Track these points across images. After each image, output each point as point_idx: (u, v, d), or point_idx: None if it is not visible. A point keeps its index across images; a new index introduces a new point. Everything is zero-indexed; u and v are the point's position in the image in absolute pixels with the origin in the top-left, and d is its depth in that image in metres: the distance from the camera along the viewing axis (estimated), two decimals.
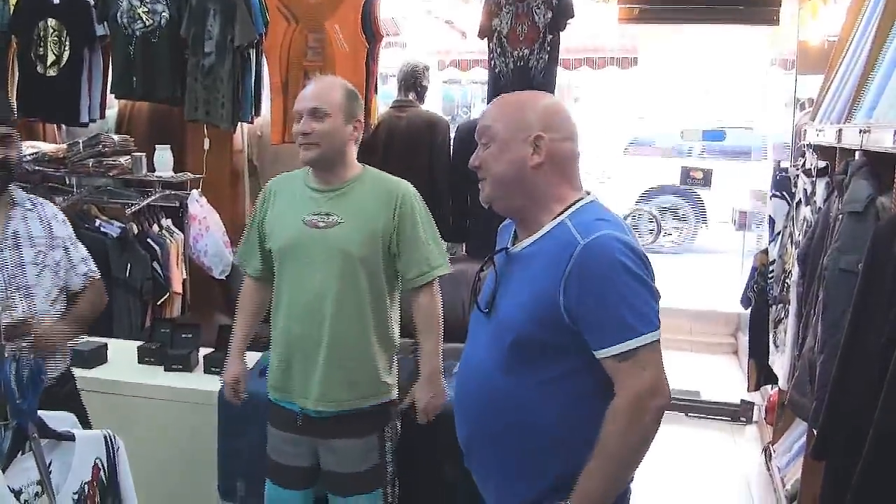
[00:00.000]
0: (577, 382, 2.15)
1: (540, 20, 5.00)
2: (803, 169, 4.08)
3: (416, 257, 3.08)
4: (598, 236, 2.08)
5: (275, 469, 3.19)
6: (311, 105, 2.98)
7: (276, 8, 5.07)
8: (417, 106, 5.67)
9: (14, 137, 2.77)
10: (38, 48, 5.46)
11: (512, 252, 2.32)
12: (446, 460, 3.49)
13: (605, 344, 2.05)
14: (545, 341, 2.14)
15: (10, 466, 1.82)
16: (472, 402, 2.34)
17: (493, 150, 2.27)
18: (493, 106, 2.41)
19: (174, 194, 5.26)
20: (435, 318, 3.14)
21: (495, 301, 2.30)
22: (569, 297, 2.07)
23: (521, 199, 2.26)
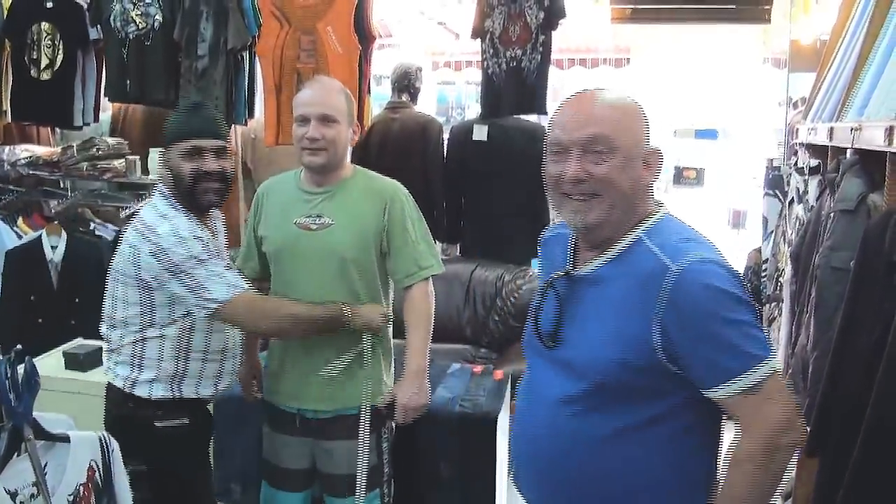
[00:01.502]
0: (666, 427, 1.94)
1: (532, 21, 5.01)
2: (796, 167, 4.09)
3: (406, 257, 3.07)
4: (694, 263, 1.85)
5: (270, 471, 3.20)
6: (322, 111, 2.98)
7: (268, 10, 5.07)
8: (411, 107, 5.69)
9: (222, 153, 2.89)
10: (31, 52, 5.48)
11: (576, 275, 2.05)
12: (442, 460, 3.51)
13: (724, 379, 1.82)
14: (632, 385, 1.91)
15: (5, 468, 1.83)
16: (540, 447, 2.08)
17: (616, 162, 1.92)
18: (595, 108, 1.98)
19: None
20: (424, 315, 3.11)
21: (560, 332, 2.04)
22: (667, 335, 1.85)
23: (617, 221, 1.97)
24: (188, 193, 2.83)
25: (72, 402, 3.06)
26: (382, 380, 3.14)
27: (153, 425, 2.80)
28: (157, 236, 2.74)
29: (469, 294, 5.40)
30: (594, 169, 1.91)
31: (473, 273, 5.45)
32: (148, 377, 2.83)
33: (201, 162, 2.82)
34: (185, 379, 2.86)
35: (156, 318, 2.81)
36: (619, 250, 1.97)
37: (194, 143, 2.82)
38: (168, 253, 2.70)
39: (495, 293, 5.34)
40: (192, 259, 2.71)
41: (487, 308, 5.35)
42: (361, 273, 3.04)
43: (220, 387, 2.96)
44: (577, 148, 1.93)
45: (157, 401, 2.83)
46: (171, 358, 2.83)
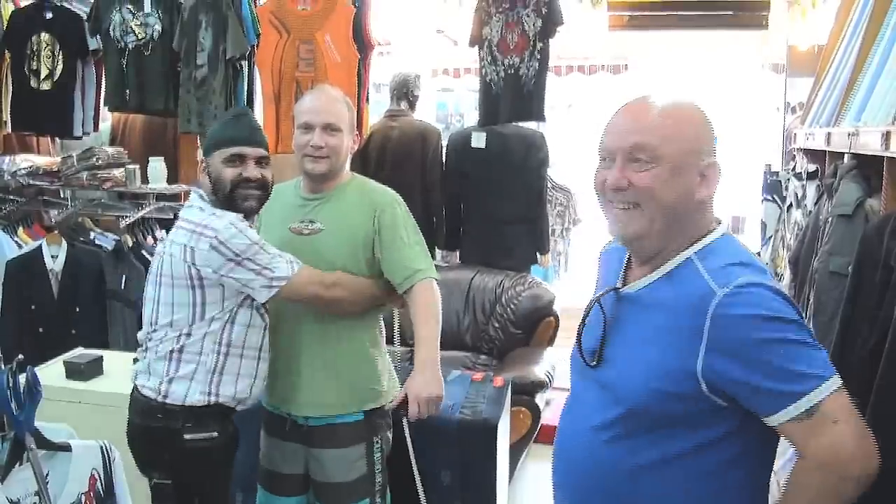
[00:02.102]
0: (708, 458, 1.81)
1: (529, 28, 5.03)
2: (794, 172, 4.10)
3: (399, 262, 3.03)
4: (741, 285, 1.72)
5: (266, 476, 3.20)
6: (326, 120, 2.99)
7: (267, 20, 5.10)
8: (409, 115, 5.71)
9: (263, 162, 2.93)
10: (31, 62, 5.49)
11: (624, 293, 1.96)
12: (442, 467, 3.51)
13: (779, 406, 1.68)
14: (671, 414, 1.80)
15: (7, 477, 1.84)
16: (575, 471, 2.00)
17: (663, 173, 1.81)
18: (645, 115, 1.87)
19: (168, 206, 5.26)
20: (432, 307, 3.00)
21: (604, 351, 1.94)
22: (712, 365, 1.72)
23: (667, 235, 1.86)
24: (228, 199, 2.87)
25: (73, 412, 3.07)
26: (374, 387, 3.12)
27: (182, 437, 2.79)
28: (214, 231, 2.76)
29: (469, 301, 5.41)
30: (636, 177, 1.82)
31: (473, 280, 5.46)
32: (187, 373, 2.84)
33: (243, 168, 2.86)
34: (224, 376, 2.87)
35: (205, 314, 2.83)
36: (667, 270, 1.87)
37: (237, 150, 2.87)
38: (229, 244, 2.74)
39: (495, 300, 5.35)
40: (255, 245, 2.76)
41: (487, 315, 5.36)
42: None
43: (254, 390, 2.97)
44: (620, 154, 1.85)
45: (189, 409, 2.82)
46: (211, 352, 2.85)
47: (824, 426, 1.65)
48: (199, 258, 2.75)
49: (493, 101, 5.26)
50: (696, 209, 1.85)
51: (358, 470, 3.08)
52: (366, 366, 3.10)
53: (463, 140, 5.63)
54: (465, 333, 5.39)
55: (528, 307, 5.30)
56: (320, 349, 3.03)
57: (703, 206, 1.86)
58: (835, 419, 1.65)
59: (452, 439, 3.51)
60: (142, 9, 5.21)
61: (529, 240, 5.64)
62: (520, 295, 5.31)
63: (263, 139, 2.98)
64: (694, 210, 1.85)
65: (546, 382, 4.80)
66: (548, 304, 5.34)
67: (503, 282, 5.40)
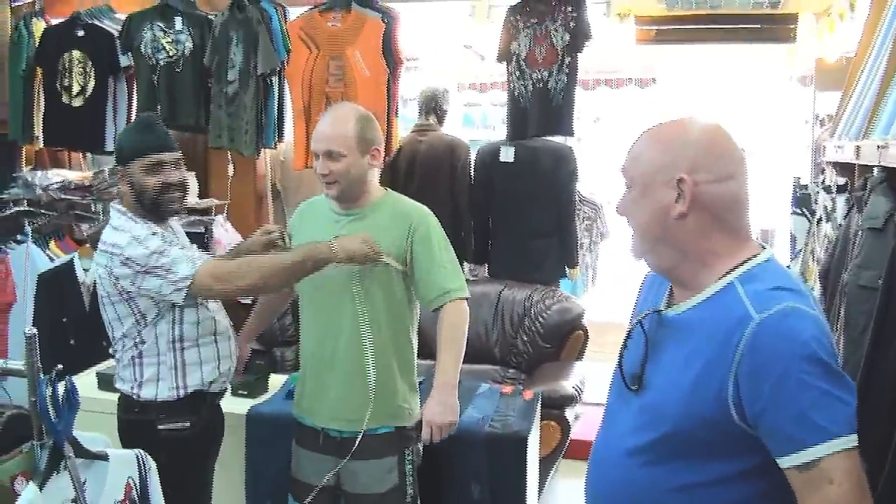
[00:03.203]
0: (738, 489, 1.77)
1: (558, 42, 5.04)
2: (823, 185, 4.08)
3: (431, 281, 3.08)
4: (779, 312, 1.68)
5: (297, 487, 3.22)
6: (325, 147, 3.02)
7: (297, 36, 5.14)
8: (438, 129, 5.73)
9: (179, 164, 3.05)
10: (63, 79, 5.57)
11: (666, 316, 1.92)
12: (473, 481, 3.52)
13: (786, 450, 1.65)
14: (704, 440, 1.77)
15: (46, 484, 1.86)
16: (607, 493, 1.97)
17: (634, 195, 1.86)
18: (639, 139, 1.91)
19: (199, 220, 5.31)
20: (456, 332, 3.08)
21: (644, 375, 1.91)
22: (741, 390, 1.69)
23: (670, 255, 1.86)
24: (154, 206, 2.98)
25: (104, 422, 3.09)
26: (403, 405, 3.15)
27: (156, 428, 2.91)
28: (119, 248, 2.89)
29: (497, 314, 5.41)
30: (620, 201, 1.91)
31: (502, 293, 5.47)
32: (151, 375, 2.97)
33: (164, 175, 2.96)
34: (187, 367, 2.99)
35: (147, 319, 2.95)
36: (709, 294, 1.82)
37: (156, 158, 2.96)
38: (134, 257, 2.85)
39: (524, 313, 5.35)
40: (154, 254, 2.85)
41: (516, 328, 5.36)
42: (385, 295, 3.07)
43: (222, 369, 3.08)
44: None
45: (161, 403, 2.96)
46: (168, 351, 2.97)
47: (819, 483, 1.63)
48: (118, 274, 2.88)
49: (521, 116, 5.26)
50: (684, 225, 1.81)
51: (390, 481, 3.10)
52: (395, 381, 3.12)
53: (491, 154, 5.64)
54: (494, 347, 5.39)
55: (557, 321, 5.30)
56: (354, 364, 3.05)
57: (688, 220, 1.81)
58: (831, 479, 1.62)
59: (482, 452, 3.51)
60: (173, 26, 5.27)
61: (558, 253, 5.63)
62: (549, 308, 5.31)
63: (174, 143, 3.08)
64: (679, 226, 1.81)
65: (575, 396, 4.79)
66: (577, 318, 5.33)
67: (532, 295, 5.40)
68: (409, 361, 3.19)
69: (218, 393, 3.15)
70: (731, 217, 1.82)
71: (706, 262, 1.83)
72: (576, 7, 5.02)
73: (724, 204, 1.80)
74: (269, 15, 5.15)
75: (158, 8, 5.31)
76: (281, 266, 2.93)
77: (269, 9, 5.18)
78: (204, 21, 5.30)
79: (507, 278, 5.62)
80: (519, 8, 5.18)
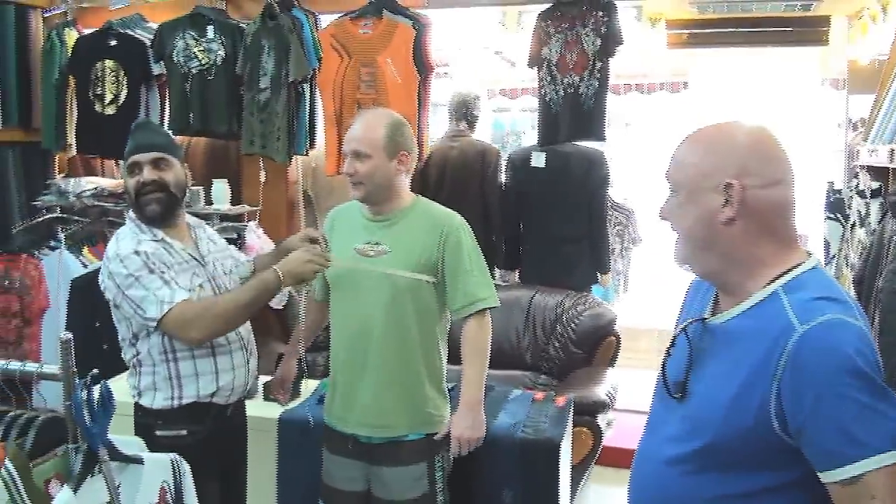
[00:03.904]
0: (778, 501, 1.74)
1: (589, 47, 5.02)
2: (857, 190, 4.05)
3: (461, 289, 3.08)
4: (823, 324, 1.64)
5: (327, 493, 3.23)
6: (353, 148, 3.04)
7: (329, 43, 5.17)
8: (469, 135, 5.73)
9: (159, 163, 3.01)
10: (95, 88, 5.63)
11: (710, 324, 1.89)
12: (505, 486, 3.51)
13: (829, 465, 1.62)
14: (745, 451, 1.73)
15: (80, 488, 1.88)
16: (648, 500, 1.97)
17: (679, 199, 1.84)
18: (683, 143, 1.88)
19: (232, 226, 5.34)
20: (480, 347, 3.12)
21: (688, 383, 1.88)
22: (784, 403, 1.65)
23: (716, 262, 1.83)
24: (137, 208, 3.00)
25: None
26: (432, 411, 3.15)
27: (154, 434, 2.91)
28: (107, 259, 2.93)
29: (529, 320, 5.40)
30: (664, 206, 1.89)
31: (533, 299, 5.45)
32: (148, 384, 2.98)
33: (140, 175, 2.96)
34: (182, 379, 2.97)
35: (137, 329, 2.95)
36: (753, 303, 1.78)
37: (133, 160, 2.98)
38: (114, 274, 2.88)
39: (555, 319, 5.34)
40: (130, 277, 2.85)
41: (548, 334, 5.35)
42: (415, 301, 3.07)
43: (221, 382, 3.03)
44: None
45: (158, 411, 2.97)
46: (161, 362, 2.96)
47: (862, 499, 1.59)
48: (105, 286, 2.93)
49: (552, 121, 5.25)
50: (731, 231, 1.78)
51: (420, 488, 3.10)
52: (424, 389, 3.13)
53: (522, 159, 5.63)
54: (526, 353, 5.38)
55: (589, 327, 5.27)
56: (385, 371, 3.06)
57: (735, 226, 1.77)
58: (873, 495, 1.59)
59: (514, 458, 3.50)
60: (205, 35, 5.31)
61: (589, 259, 5.62)
62: (581, 314, 5.29)
63: (160, 143, 3.06)
64: (727, 232, 1.78)
65: (608, 403, 4.77)
66: (609, 324, 5.31)
67: (563, 301, 5.38)
68: (438, 369, 3.19)
69: (226, 405, 3.10)
70: (779, 223, 1.80)
71: (752, 269, 1.79)
72: (607, 12, 5.01)
73: (773, 210, 1.78)
74: (300, 22, 5.18)
75: (190, 17, 5.35)
76: (242, 305, 2.95)
77: (300, 16, 5.21)
78: (235, 29, 5.34)
79: (538, 284, 5.60)
80: (550, 13, 5.17)
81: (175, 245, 3.01)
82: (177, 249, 3.01)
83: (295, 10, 5.24)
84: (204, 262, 3.09)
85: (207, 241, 3.21)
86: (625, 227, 7.27)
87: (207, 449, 2.93)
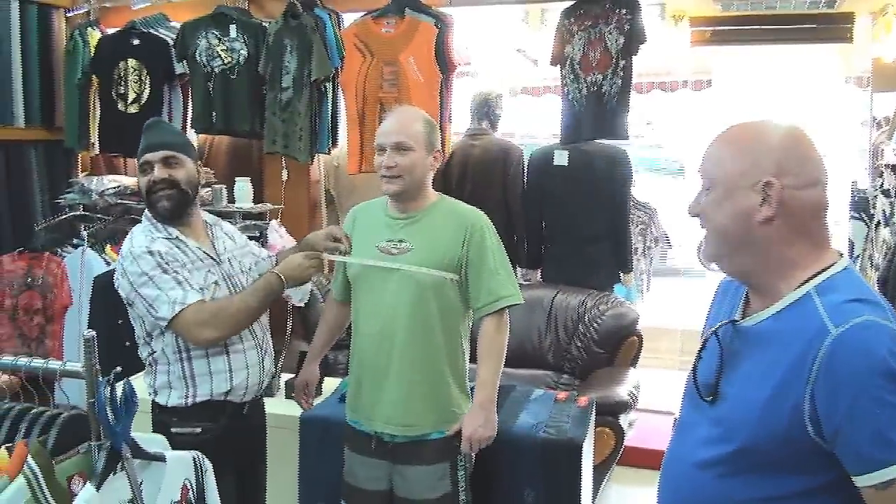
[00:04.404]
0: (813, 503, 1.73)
1: (612, 46, 5.00)
2: (881, 189, 4.02)
3: (484, 286, 3.07)
4: (856, 326, 1.62)
5: (349, 492, 3.23)
6: (395, 139, 3.02)
7: (351, 42, 5.18)
8: (491, 134, 5.72)
9: (169, 161, 3.01)
10: (118, 87, 5.68)
11: (741, 326, 1.88)
12: (527, 486, 3.51)
13: (863, 469, 1.61)
14: (778, 454, 1.72)
15: (103, 485, 1.88)
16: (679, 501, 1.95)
17: (715, 196, 1.81)
18: (716, 140, 1.87)
19: (254, 224, 5.36)
20: (497, 346, 3.10)
21: (719, 386, 1.86)
22: (818, 406, 1.63)
23: (749, 261, 1.82)
24: (149, 206, 3.02)
25: None
26: (454, 408, 3.14)
27: (170, 430, 2.92)
28: (122, 258, 2.96)
29: (551, 320, 5.39)
30: (700, 204, 1.86)
31: (555, 298, 5.44)
32: (163, 382, 3.01)
33: (151, 174, 2.97)
34: (196, 378, 2.99)
35: (150, 328, 2.98)
36: (785, 304, 1.77)
37: (145, 159, 2.99)
38: (128, 272, 2.90)
39: (578, 319, 5.32)
40: (144, 276, 2.87)
41: (570, 334, 5.33)
42: (439, 299, 3.05)
43: (235, 381, 3.04)
44: (700, 182, 1.87)
45: (173, 408, 2.99)
46: (175, 360, 2.98)
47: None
48: (119, 285, 2.95)
49: (575, 119, 5.23)
50: (767, 230, 1.76)
51: (443, 488, 3.10)
52: (449, 387, 3.12)
53: (545, 158, 5.61)
54: (548, 352, 5.37)
55: (612, 326, 5.25)
56: (410, 370, 3.05)
57: (773, 225, 1.76)
58: None
59: (536, 458, 3.50)
60: (227, 34, 5.33)
61: (612, 258, 5.59)
62: (603, 314, 5.27)
63: (170, 141, 3.06)
64: (763, 231, 1.77)
65: (630, 403, 4.75)
66: (631, 324, 5.29)
67: (586, 301, 5.36)
68: (462, 367, 3.18)
69: (242, 403, 3.11)
70: (814, 225, 1.78)
71: (785, 270, 1.78)
72: (630, 10, 4.99)
73: (809, 211, 1.76)
74: (323, 22, 5.20)
75: (213, 16, 5.38)
76: (251, 309, 3.00)
77: (323, 16, 5.23)
78: (258, 29, 5.36)
79: (560, 283, 5.58)
80: (572, 11, 5.16)
81: (189, 243, 3.03)
82: (191, 248, 3.02)
83: (317, 9, 5.26)
84: (219, 260, 3.10)
85: (224, 239, 3.22)
86: (647, 227, 7.24)
87: (223, 446, 2.93)
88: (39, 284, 5.35)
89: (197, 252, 3.03)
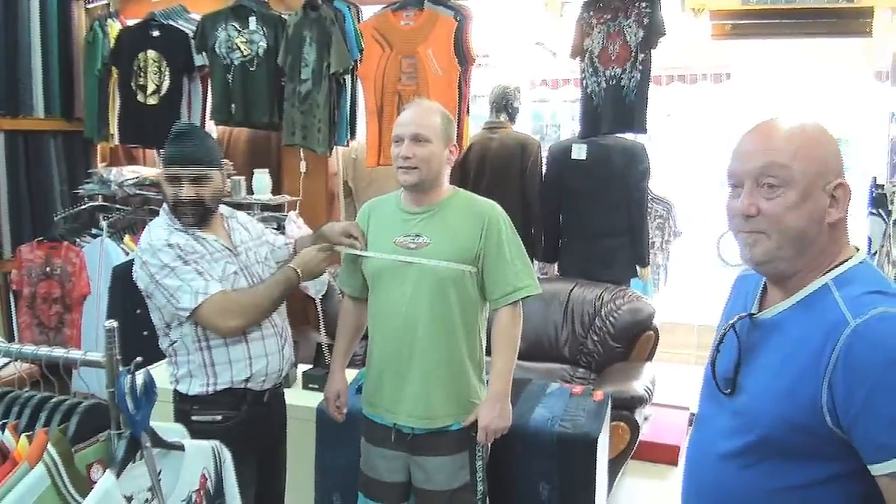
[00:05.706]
0: (832, 493, 1.74)
1: (631, 39, 5.00)
2: None
3: (501, 278, 3.08)
4: (875, 318, 1.64)
5: (367, 483, 3.24)
6: (413, 131, 3.02)
7: (370, 35, 5.18)
8: (509, 127, 5.71)
9: (201, 180, 3.01)
10: (138, 78, 5.70)
11: (758, 319, 1.90)
12: (542, 480, 3.51)
13: (879, 458, 1.61)
14: (796, 444, 1.74)
15: (123, 473, 1.89)
16: (706, 496, 1.96)
17: (792, 197, 1.75)
18: (775, 136, 1.81)
19: (272, 216, 5.37)
20: (511, 338, 3.12)
21: (738, 379, 1.89)
22: (835, 397, 1.65)
23: (804, 262, 1.80)
24: (173, 213, 3.03)
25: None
26: (473, 399, 3.15)
27: (190, 418, 2.97)
28: (140, 250, 2.99)
29: (567, 313, 5.38)
30: (765, 205, 1.77)
31: (572, 292, 5.43)
32: (185, 372, 3.05)
33: (178, 189, 2.97)
34: (217, 366, 3.02)
35: (165, 318, 3.01)
36: (802, 296, 1.80)
37: (174, 171, 2.98)
38: (147, 264, 2.93)
39: (594, 313, 5.31)
40: (165, 268, 2.90)
41: (586, 328, 5.32)
42: (458, 292, 3.06)
43: (255, 368, 3.06)
44: (749, 179, 1.80)
45: (194, 397, 3.03)
46: (196, 350, 3.01)
47: None
48: (138, 275, 2.97)
49: (593, 113, 5.23)
50: (829, 232, 1.78)
51: (461, 478, 3.11)
52: (469, 378, 3.14)
53: (563, 151, 5.60)
54: (564, 346, 5.36)
55: (628, 321, 5.24)
56: (432, 362, 3.06)
57: (836, 229, 1.78)
58: None
59: (552, 452, 3.50)
60: (247, 26, 5.34)
61: (629, 252, 5.57)
62: (619, 308, 5.26)
63: (201, 157, 3.01)
64: (826, 234, 1.78)
65: (645, 398, 4.74)
66: (647, 318, 5.27)
67: (602, 295, 5.35)
68: (480, 359, 3.20)
69: (262, 391, 3.13)
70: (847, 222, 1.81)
71: (824, 267, 1.80)
72: (650, 3, 4.99)
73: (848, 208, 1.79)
74: (342, 14, 5.21)
75: (232, 8, 5.39)
76: (275, 297, 3.06)
77: (342, 8, 5.23)
78: (277, 21, 5.37)
79: (577, 277, 5.58)
80: (592, 4, 5.15)
81: (207, 236, 3.05)
82: (209, 240, 3.04)
83: (337, 1, 5.26)
84: (236, 252, 3.12)
85: (240, 231, 3.23)
86: (665, 221, 7.22)
87: (243, 434, 2.96)
88: (58, 273, 5.39)
89: (214, 244, 3.05)
